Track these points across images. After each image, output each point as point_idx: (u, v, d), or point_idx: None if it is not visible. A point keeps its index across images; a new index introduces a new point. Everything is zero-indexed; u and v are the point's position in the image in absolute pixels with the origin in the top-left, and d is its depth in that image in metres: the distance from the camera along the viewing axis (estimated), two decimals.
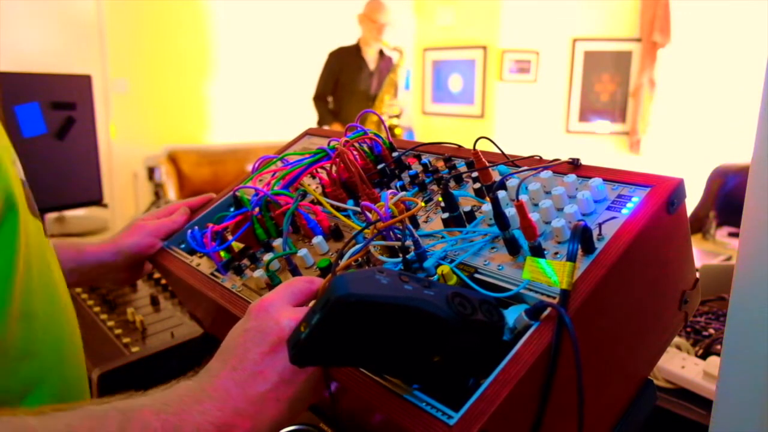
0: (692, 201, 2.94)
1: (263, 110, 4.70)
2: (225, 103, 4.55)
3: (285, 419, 0.49)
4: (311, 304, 0.50)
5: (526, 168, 0.63)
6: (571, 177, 0.59)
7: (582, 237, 0.50)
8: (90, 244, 0.88)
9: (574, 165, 0.62)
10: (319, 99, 3.94)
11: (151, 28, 4.15)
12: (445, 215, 0.61)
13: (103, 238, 0.90)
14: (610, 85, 4.84)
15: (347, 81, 3.94)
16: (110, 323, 1.09)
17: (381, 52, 4.05)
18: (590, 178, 0.58)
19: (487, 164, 0.67)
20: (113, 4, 3.89)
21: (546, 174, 0.60)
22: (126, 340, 1.03)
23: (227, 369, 0.49)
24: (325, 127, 3.58)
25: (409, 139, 1.24)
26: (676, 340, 0.99)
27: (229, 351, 0.50)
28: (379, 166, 0.78)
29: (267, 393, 0.48)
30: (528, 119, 4.88)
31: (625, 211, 0.54)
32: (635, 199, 0.54)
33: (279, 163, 0.87)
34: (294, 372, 0.49)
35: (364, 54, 3.97)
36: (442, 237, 0.61)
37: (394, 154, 0.79)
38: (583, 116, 4.91)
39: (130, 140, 4.10)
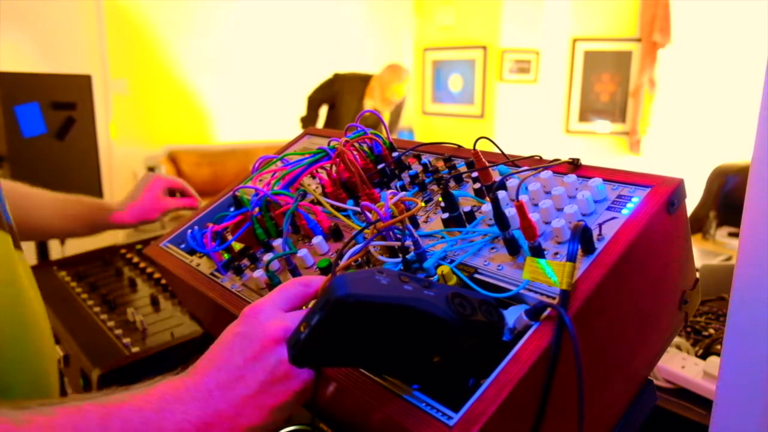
0: (692, 201, 2.94)
1: (263, 110, 4.70)
2: (225, 103, 4.55)
3: (264, 426, 0.49)
4: (311, 304, 0.50)
5: (526, 168, 0.63)
6: (571, 177, 0.59)
7: (582, 237, 0.50)
8: (112, 212, 1.24)
9: (574, 165, 0.62)
10: (312, 103, 3.85)
11: (151, 28, 4.15)
12: (445, 215, 0.61)
13: (121, 203, 1.26)
14: (610, 85, 4.84)
15: (339, 112, 3.83)
16: (110, 323, 1.09)
17: None
18: (590, 178, 0.58)
19: (487, 164, 0.67)
20: (113, 4, 3.89)
21: (546, 174, 0.60)
22: (126, 340, 1.03)
23: (212, 369, 0.49)
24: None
25: (409, 139, 1.24)
26: (676, 340, 0.99)
27: (217, 352, 0.51)
28: (379, 166, 0.78)
29: (248, 398, 0.48)
30: (528, 119, 4.88)
31: (625, 211, 0.54)
32: (635, 200, 0.54)
33: (279, 163, 0.87)
34: (275, 381, 0.49)
35: (365, 102, 3.86)
36: (442, 237, 0.61)
37: (394, 154, 0.79)
38: (583, 116, 4.91)
39: (130, 140, 4.10)
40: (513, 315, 0.49)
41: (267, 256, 0.74)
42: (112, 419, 0.44)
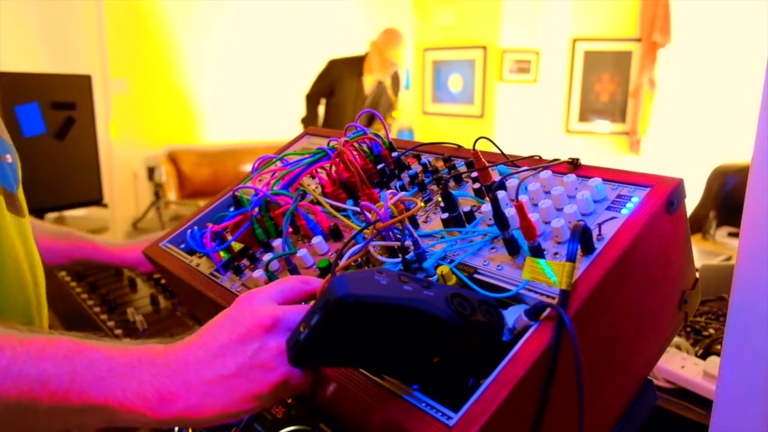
0: (692, 201, 2.94)
1: (263, 110, 4.70)
2: (225, 103, 4.55)
3: (232, 412, 0.49)
4: (311, 303, 0.50)
5: (525, 168, 0.63)
6: (571, 177, 0.59)
7: (582, 237, 0.50)
8: (109, 250, 1.14)
9: (574, 165, 0.62)
10: (311, 99, 3.84)
11: (151, 28, 4.15)
12: (445, 215, 0.61)
13: (119, 244, 1.16)
14: (610, 85, 4.84)
15: (339, 99, 3.81)
16: (110, 323, 1.09)
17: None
18: (590, 178, 0.58)
19: (487, 164, 0.67)
20: (113, 4, 3.89)
21: (546, 174, 0.60)
22: (126, 340, 1.03)
23: (196, 345, 0.50)
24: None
25: (409, 139, 1.24)
26: (676, 340, 0.99)
27: (205, 330, 0.51)
28: (379, 166, 0.78)
29: (221, 378, 0.48)
30: (528, 119, 4.87)
31: (624, 211, 0.54)
32: (635, 199, 0.54)
33: (279, 163, 0.87)
34: (253, 367, 0.49)
35: (364, 79, 3.83)
36: (442, 237, 0.61)
37: (394, 154, 0.79)
38: (583, 116, 4.91)
39: (130, 140, 4.09)
40: (513, 315, 0.49)
41: (267, 256, 0.74)
42: (81, 357, 0.45)
